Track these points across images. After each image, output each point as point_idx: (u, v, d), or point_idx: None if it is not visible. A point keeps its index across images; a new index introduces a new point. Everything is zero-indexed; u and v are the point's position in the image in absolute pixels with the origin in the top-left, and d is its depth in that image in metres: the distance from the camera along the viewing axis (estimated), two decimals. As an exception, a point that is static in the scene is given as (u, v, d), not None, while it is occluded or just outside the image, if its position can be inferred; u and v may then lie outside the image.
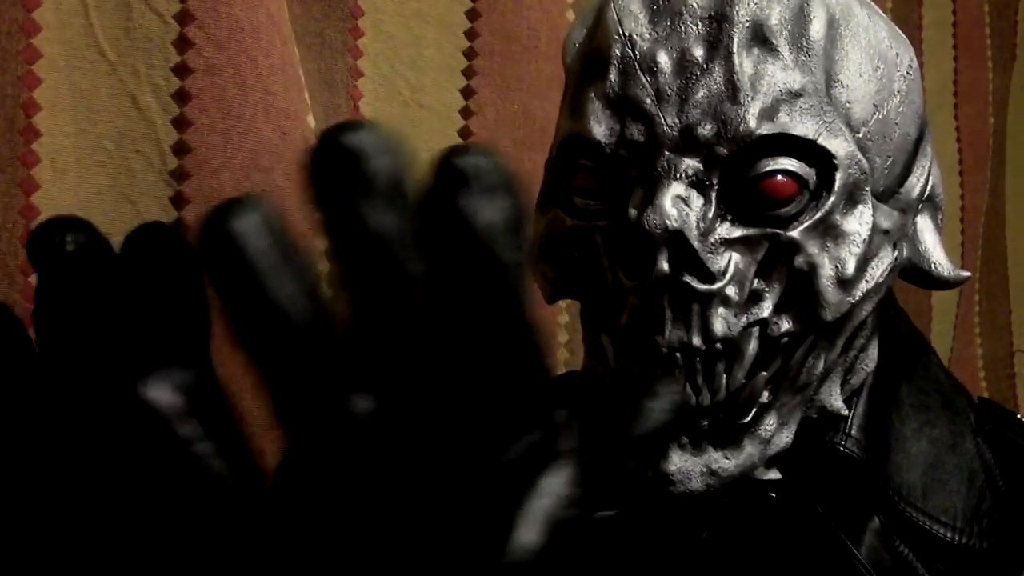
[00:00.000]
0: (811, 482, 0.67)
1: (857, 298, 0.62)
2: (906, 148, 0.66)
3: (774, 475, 0.64)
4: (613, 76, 0.62)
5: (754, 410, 0.62)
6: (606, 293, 0.63)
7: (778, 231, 0.60)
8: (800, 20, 0.61)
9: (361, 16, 1.00)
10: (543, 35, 1.09)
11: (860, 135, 0.62)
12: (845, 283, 0.61)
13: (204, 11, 0.85)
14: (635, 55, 0.62)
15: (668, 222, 0.57)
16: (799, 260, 0.60)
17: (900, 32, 0.68)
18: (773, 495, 0.65)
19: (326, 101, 0.98)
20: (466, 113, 1.06)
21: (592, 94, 0.64)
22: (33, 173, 0.81)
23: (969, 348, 1.60)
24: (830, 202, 0.60)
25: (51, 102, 0.82)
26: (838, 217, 0.60)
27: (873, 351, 0.70)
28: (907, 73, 0.66)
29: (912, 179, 0.67)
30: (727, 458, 0.62)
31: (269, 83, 0.87)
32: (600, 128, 0.62)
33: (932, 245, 0.68)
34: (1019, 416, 0.75)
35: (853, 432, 0.67)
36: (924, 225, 0.69)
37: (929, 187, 0.69)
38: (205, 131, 0.86)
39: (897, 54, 0.65)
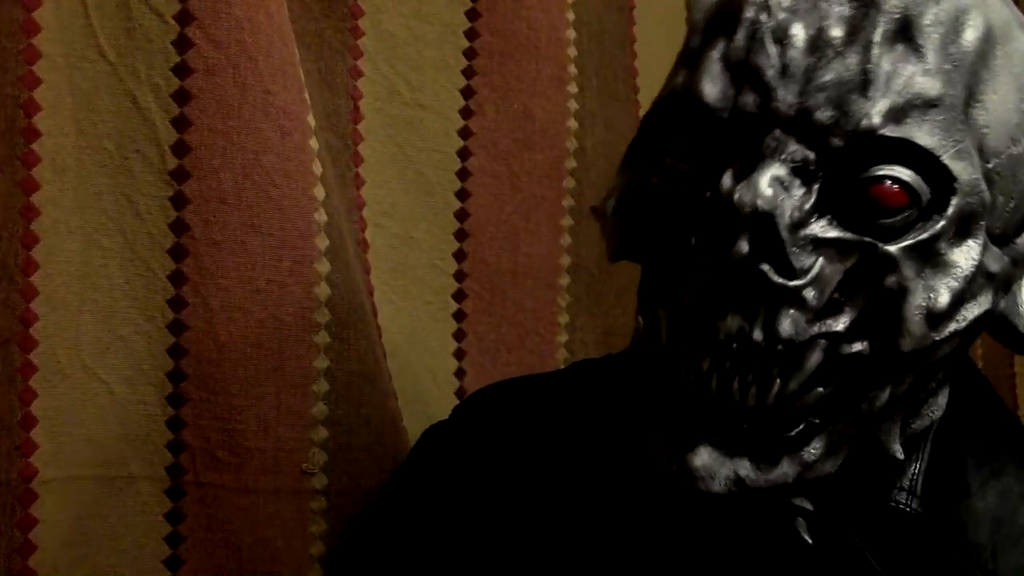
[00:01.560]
0: (867, 538, 0.63)
1: (943, 336, 0.57)
2: None
3: (806, 504, 0.60)
4: (740, 38, 0.58)
5: (801, 426, 0.58)
6: (675, 264, 0.58)
7: (877, 243, 0.55)
8: (955, 26, 0.57)
9: (361, 16, 1.00)
10: (543, 35, 1.08)
11: (990, 165, 0.58)
12: (934, 317, 0.56)
13: (204, 11, 0.84)
14: (768, 22, 0.57)
15: (759, 202, 0.53)
16: (891, 280, 0.56)
17: None
18: (808, 540, 0.61)
19: (326, 101, 0.98)
20: (466, 113, 1.06)
21: (713, 53, 0.59)
22: (33, 173, 0.81)
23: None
24: (939, 226, 0.56)
25: (51, 102, 0.82)
26: (944, 245, 0.56)
27: (942, 399, 0.65)
28: None
29: None
30: (758, 470, 0.57)
31: (269, 83, 0.87)
32: (714, 89, 0.58)
33: None
34: None
35: (918, 489, 0.64)
36: None
37: None
38: (205, 131, 0.85)
39: None
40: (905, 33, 0.56)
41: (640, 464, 0.62)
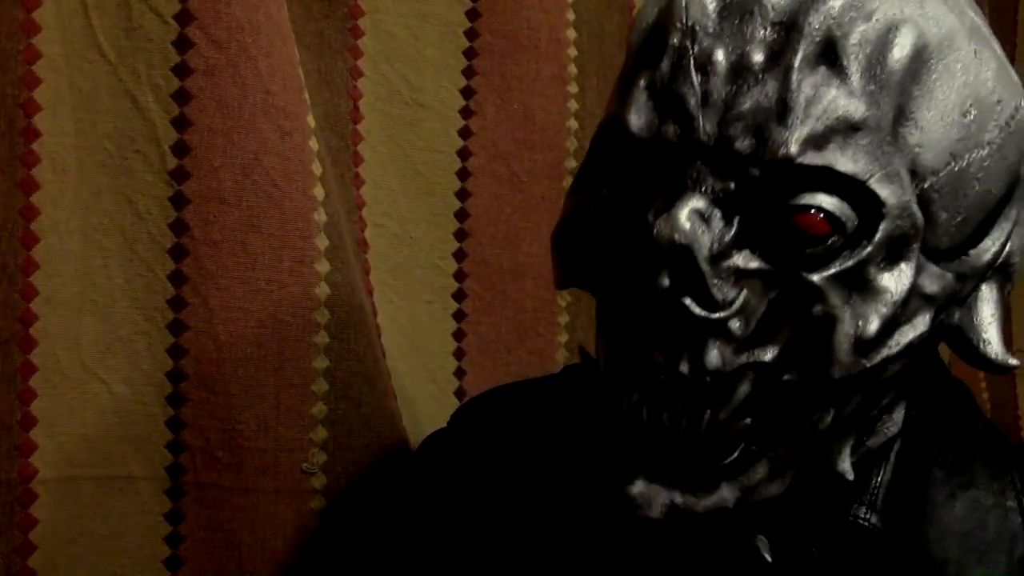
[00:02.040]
0: (828, 554, 0.62)
1: (874, 362, 0.56)
2: (985, 207, 0.59)
3: (763, 525, 0.60)
4: (664, 66, 0.57)
5: (736, 454, 0.57)
6: (612, 293, 0.58)
7: (801, 272, 0.54)
8: (881, 45, 0.55)
9: (361, 16, 1.00)
10: (543, 35, 1.08)
11: (926, 185, 0.56)
12: (863, 344, 0.55)
13: (204, 11, 0.84)
14: (692, 48, 0.56)
15: (677, 235, 0.52)
16: (817, 308, 0.54)
17: (1015, 76, 0.61)
18: (768, 558, 0.61)
19: (326, 101, 0.98)
20: (466, 113, 1.06)
21: (640, 81, 0.58)
22: (33, 173, 0.81)
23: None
24: (867, 252, 0.54)
25: (51, 102, 0.82)
26: (873, 270, 0.55)
27: (898, 415, 0.64)
28: (1006, 124, 0.59)
29: (987, 242, 0.60)
30: (695, 496, 0.57)
31: (269, 83, 0.87)
32: (638, 119, 0.57)
33: (988, 319, 0.61)
34: None
35: (879, 504, 0.63)
36: (987, 295, 0.61)
37: (1004, 254, 0.61)
38: (205, 131, 0.86)
39: (999, 100, 0.59)
40: (827, 55, 0.55)
41: (585, 489, 0.62)
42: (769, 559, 0.61)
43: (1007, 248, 0.61)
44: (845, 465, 0.60)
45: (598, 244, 0.60)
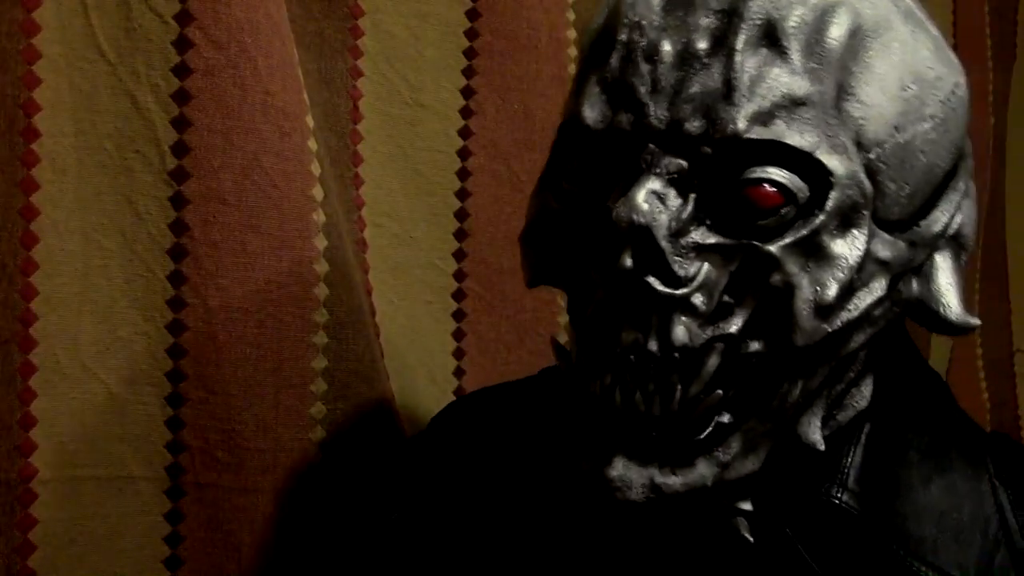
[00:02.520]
0: (802, 534, 0.64)
1: (836, 327, 0.58)
2: (932, 180, 0.61)
3: (746, 505, 0.61)
4: (614, 61, 0.60)
5: (710, 428, 0.58)
6: (578, 284, 0.61)
7: (757, 243, 0.56)
8: (819, 26, 0.58)
9: (361, 16, 1.00)
10: (543, 35, 1.08)
11: (872, 155, 0.58)
12: (823, 309, 0.57)
13: (204, 12, 0.85)
14: (640, 41, 0.59)
15: (635, 216, 0.55)
16: (776, 278, 0.57)
17: (954, 59, 0.63)
18: (750, 539, 0.62)
19: (326, 101, 0.99)
20: (466, 113, 1.06)
21: (593, 77, 0.61)
22: (33, 173, 0.81)
23: (969, 348, 1.60)
24: (819, 220, 0.56)
25: (51, 102, 0.82)
26: (826, 238, 0.57)
27: (866, 389, 0.66)
28: (947, 100, 0.61)
29: (936, 213, 0.62)
30: (674, 474, 0.58)
31: (268, 83, 0.87)
32: (592, 113, 0.60)
33: (946, 285, 0.63)
34: None
35: (850, 483, 0.64)
36: (942, 263, 0.63)
37: (956, 225, 0.64)
38: (205, 131, 0.86)
39: (939, 77, 0.61)
40: (769, 37, 0.57)
41: (563, 477, 0.63)
42: (750, 538, 0.62)
43: (957, 219, 0.64)
44: (816, 436, 0.61)
45: (563, 238, 0.63)
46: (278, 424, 0.89)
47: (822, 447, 0.61)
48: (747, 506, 0.61)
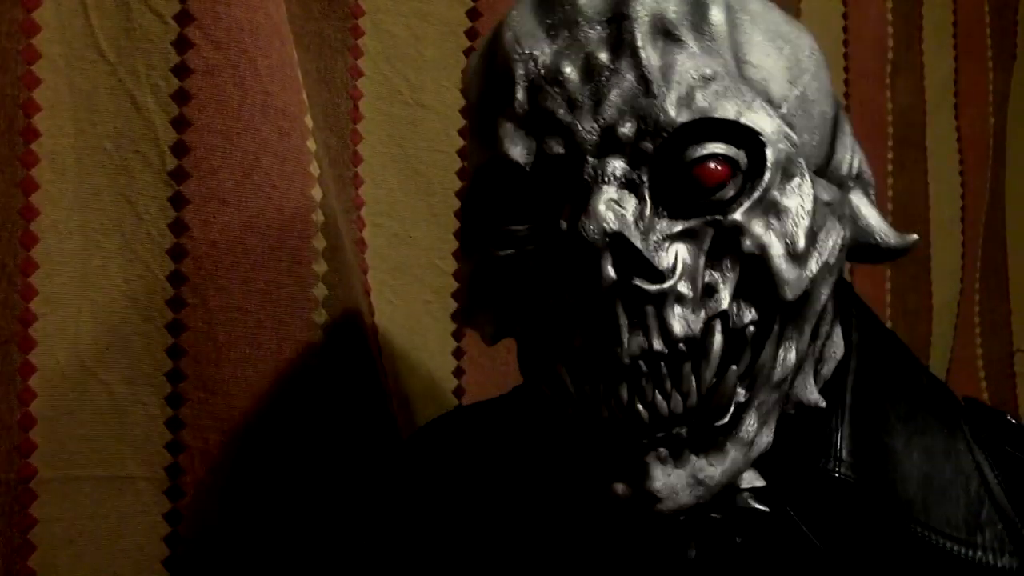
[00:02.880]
0: (803, 510, 0.65)
1: (814, 271, 0.60)
2: (826, 125, 0.65)
3: (758, 482, 0.62)
4: (520, 95, 0.61)
5: (732, 410, 0.59)
6: (551, 319, 0.60)
7: (719, 217, 0.58)
8: (698, 9, 0.60)
9: (361, 15, 1.00)
10: (543, 35, 1.08)
11: (783, 110, 0.61)
12: (798, 257, 0.59)
13: (204, 12, 0.85)
14: (539, 70, 0.60)
15: (606, 225, 0.55)
16: (747, 243, 0.58)
17: (797, 21, 0.67)
18: (764, 508, 0.63)
19: (325, 100, 0.99)
20: (467, 113, 1.06)
21: (501, 117, 0.61)
22: (32, 173, 0.81)
23: (969, 348, 1.60)
24: (766, 179, 0.59)
25: (50, 102, 0.82)
26: (776, 193, 0.59)
27: (838, 338, 0.69)
28: (811, 53, 0.65)
29: (838, 156, 0.66)
30: (712, 465, 0.59)
31: (268, 84, 0.87)
32: (517, 149, 0.60)
33: (872, 218, 0.67)
34: (1007, 416, 0.74)
35: (844, 455, 0.66)
36: (859, 201, 0.67)
37: (856, 164, 0.68)
38: (204, 131, 0.86)
39: (798, 35, 0.65)
40: (660, 30, 0.59)
41: (587, 509, 0.64)
42: (765, 508, 0.63)
43: (856, 159, 0.68)
44: (814, 396, 0.64)
45: (517, 284, 0.62)
46: (277, 424, 0.89)
47: (823, 403, 0.64)
48: (759, 482, 0.63)
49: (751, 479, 0.62)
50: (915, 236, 0.68)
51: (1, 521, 0.81)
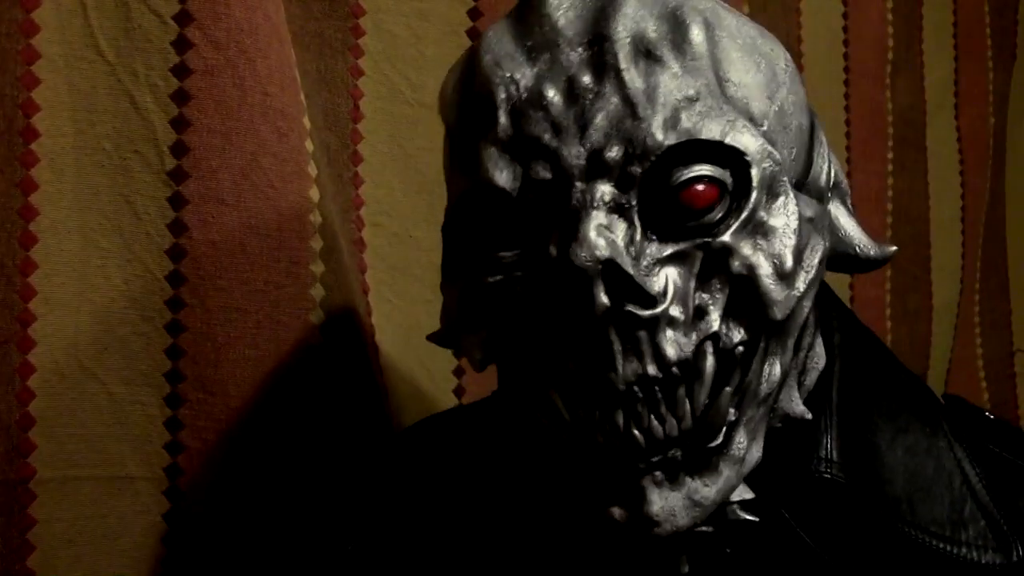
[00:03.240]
0: (796, 512, 0.65)
1: (801, 290, 0.60)
2: (803, 138, 0.65)
3: (748, 494, 0.62)
4: (503, 119, 0.60)
5: (723, 429, 0.60)
6: (543, 346, 0.60)
7: (708, 239, 0.58)
8: (678, 28, 0.60)
9: (362, 15, 1.00)
10: (543, 35, 1.08)
11: (764, 128, 0.61)
12: (786, 277, 0.59)
13: (203, 12, 0.85)
14: (521, 94, 0.59)
15: (597, 252, 0.55)
16: (736, 265, 0.58)
17: (768, 32, 0.67)
18: (754, 519, 0.63)
19: (326, 100, 0.98)
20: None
21: (484, 142, 0.60)
22: (32, 173, 0.81)
23: (969, 348, 1.60)
24: (752, 199, 0.59)
25: (50, 102, 0.82)
26: (763, 214, 0.59)
27: (819, 347, 0.69)
28: (786, 66, 0.65)
29: (815, 168, 0.66)
30: (706, 485, 0.59)
31: (267, 84, 0.87)
32: (502, 175, 0.59)
33: (851, 228, 0.67)
34: (987, 413, 0.75)
35: (834, 456, 0.66)
36: (838, 211, 0.67)
37: (833, 174, 0.67)
38: (204, 132, 0.86)
39: (771, 49, 0.64)
40: (642, 51, 0.59)
41: (584, 532, 0.64)
42: (755, 519, 0.63)
43: (832, 169, 0.68)
44: (800, 408, 0.65)
45: (506, 311, 0.61)
46: (276, 425, 0.89)
47: (809, 416, 0.65)
48: (748, 494, 0.63)
49: (740, 491, 0.62)
50: (893, 247, 0.68)
51: (0, 521, 0.81)
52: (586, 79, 0.59)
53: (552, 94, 0.59)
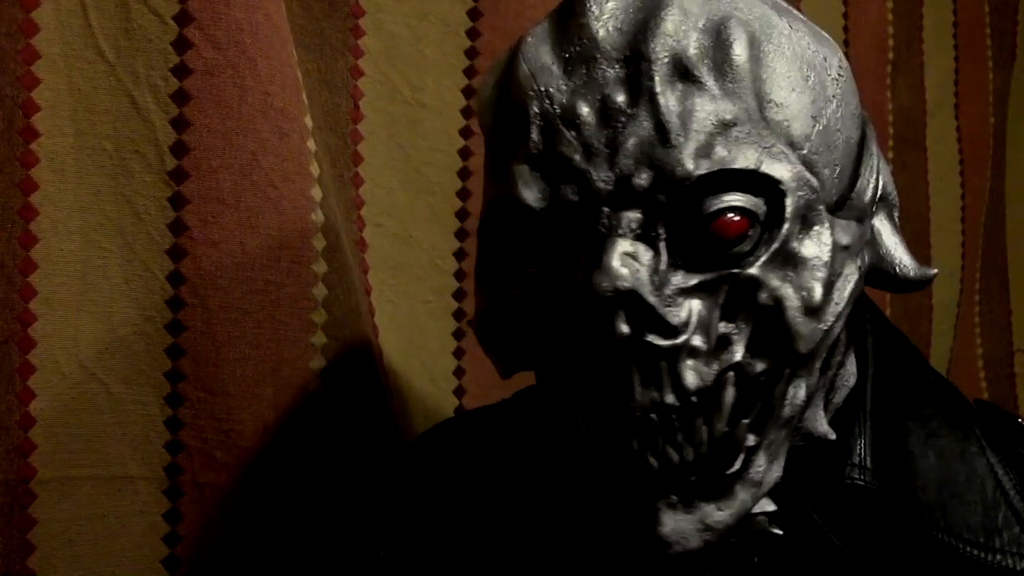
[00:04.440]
0: (828, 519, 0.65)
1: (829, 323, 0.59)
2: (851, 152, 0.63)
3: (769, 506, 0.62)
4: (535, 135, 0.59)
5: (741, 456, 0.59)
6: (565, 364, 0.59)
7: (736, 271, 0.57)
8: (720, 45, 0.58)
9: (362, 15, 1.00)
10: (543, 35, 1.08)
11: (804, 151, 0.59)
12: (814, 311, 0.58)
13: (203, 12, 0.85)
14: (555, 110, 0.58)
15: (619, 282, 0.54)
16: (763, 296, 0.57)
17: (824, 34, 0.65)
18: (779, 532, 0.63)
19: (326, 101, 0.98)
20: (467, 112, 1.06)
21: (515, 157, 0.60)
22: (32, 173, 0.81)
23: (969, 348, 1.60)
24: (784, 230, 0.57)
25: (50, 102, 0.82)
26: (795, 244, 0.58)
27: (851, 365, 0.68)
28: (839, 76, 0.63)
29: (862, 181, 0.64)
30: (720, 509, 0.59)
31: (268, 84, 0.87)
32: (530, 192, 0.59)
33: (893, 246, 0.65)
34: (1019, 419, 0.73)
35: (867, 463, 0.65)
36: (882, 226, 0.65)
37: (880, 186, 0.66)
38: (204, 132, 0.86)
39: (824, 58, 0.62)
40: (680, 71, 0.57)
41: (605, 543, 0.64)
42: (779, 532, 0.63)
43: (881, 181, 0.65)
44: (824, 427, 0.64)
45: (531, 323, 0.61)
46: (277, 424, 0.89)
47: (832, 436, 0.64)
48: (771, 507, 0.62)
49: (763, 504, 0.62)
50: (935, 270, 0.66)
51: (1, 521, 0.81)
52: (620, 99, 0.57)
53: (586, 112, 0.58)
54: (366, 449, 0.93)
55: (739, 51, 0.58)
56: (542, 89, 0.59)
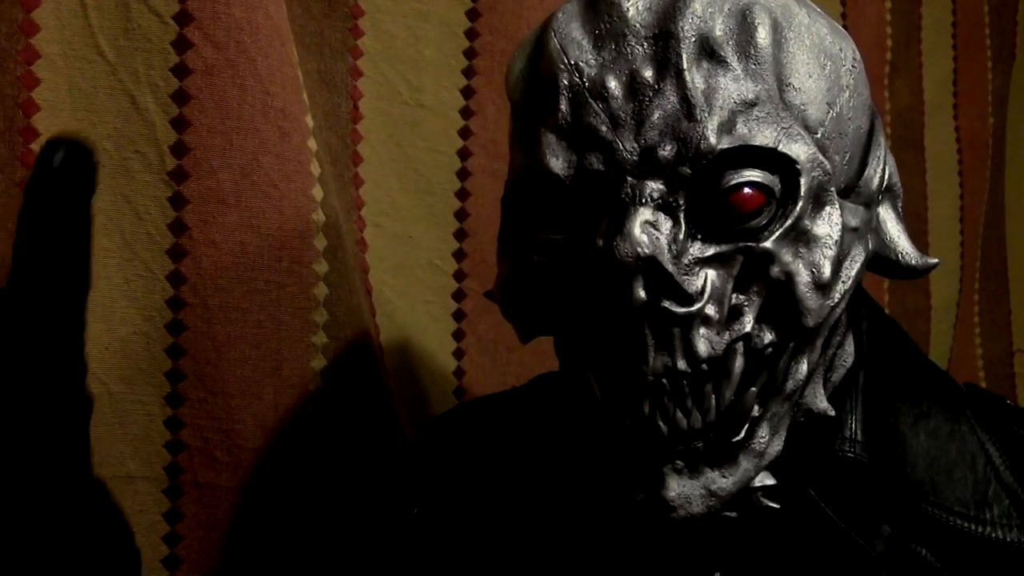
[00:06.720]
0: (821, 491, 0.67)
1: (836, 300, 0.62)
2: (860, 141, 0.66)
3: (769, 480, 0.64)
4: (564, 106, 0.62)
5: (746, 425, 0.62)
6: (583, 327, 0.62)
7: (751, 244, 0.59)
8: (745, 28, 0.61)
9: (361, 16, 1.00)
10: (543, 35, 1.08)
11: (818, 135, 0.62)
12: (823, 287, 0.61)
13: (203, 12, 0.85)
14: (584, 83, 0.61)
15: (640, 249, 0.57)
16: (775, 270, 0.60)
17: (839, 27, 0.67)
18: (775, 506, 0.65)
19: (326, 101, 0.99)
20: (466, 113, 1.06)
21: (544, 127, 0.62)
22: (32, 173, 0.81)
23: (969, 348, 1.60)
24: (798, 208, 0.60)
25: (50, 102, 0.82)
26: (807, 222, 0.60)
27: (849, 346, 0.70)
28: (852, 67, 0.65)
29: (869, 171, 0.67)
30: (724, 476, 0.61)
31: (268, 84, 0.87)
32: (557, 161, 0.61)
33: (897, 234, 0.68)
34: (1006, 400, 0.76)
35: (859, 437, 0.67)
36: (886, 215, 0.68)
37: (886, 177, 0.68)
38: (204, 132, 0.86)
39: (840, 49, 0.65)
40: (707, 51, 0.60)
41: (611, 507, 0.66)
42: (775, 505, 0.65)
43: (886, 171, 0.68)
44: (823, 404, 0.66)
45: (553, 288, 0.64)
46: (277, 424, 0.89)
47: (832, 412, 0.66)
48: (770, 480, 0.64)
49: (762, 478, 0.64)
50: (935, 260, 0.69)
51: (1, 521, 0.81)
52: (648, 74, 0.60)
53: (614, 86, 0.60)
54: (367, 449, 0.93)
55: (763, 35, 0.61)
56: (572, 63, 0.62)
